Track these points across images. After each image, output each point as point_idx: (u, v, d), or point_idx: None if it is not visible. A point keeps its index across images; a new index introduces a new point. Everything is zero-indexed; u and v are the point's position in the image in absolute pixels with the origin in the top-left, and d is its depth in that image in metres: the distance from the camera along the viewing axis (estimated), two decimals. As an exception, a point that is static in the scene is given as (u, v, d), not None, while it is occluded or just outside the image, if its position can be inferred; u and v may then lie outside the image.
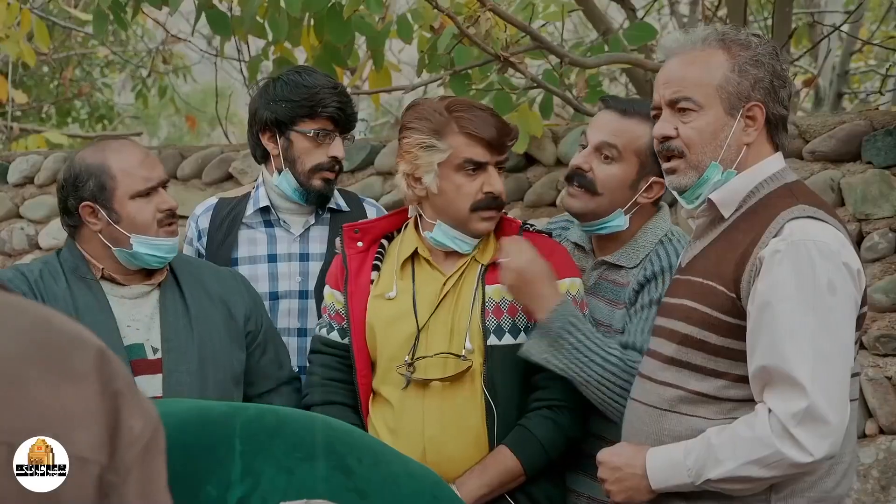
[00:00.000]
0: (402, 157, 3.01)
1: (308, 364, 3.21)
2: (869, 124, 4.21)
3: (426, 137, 2.95)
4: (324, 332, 3.16)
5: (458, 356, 2.94)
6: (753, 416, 2.45)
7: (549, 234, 3.15)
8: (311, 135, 3.38)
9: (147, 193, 3.08)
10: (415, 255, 3.07)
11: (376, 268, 3.10)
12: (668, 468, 2.54)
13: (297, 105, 3.38)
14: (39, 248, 6.00)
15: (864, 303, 2.54)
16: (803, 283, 2.41)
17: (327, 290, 3.18)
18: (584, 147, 3.13)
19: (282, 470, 2.10)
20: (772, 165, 2.62)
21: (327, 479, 2.12)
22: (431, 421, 2.93)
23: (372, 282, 3.08)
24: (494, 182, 2.98)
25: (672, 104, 2.62)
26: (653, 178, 3.05)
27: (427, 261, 3.05)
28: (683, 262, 2.73)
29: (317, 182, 3.42)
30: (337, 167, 3.43)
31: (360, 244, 3.11)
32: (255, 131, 3.49)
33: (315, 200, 3.46)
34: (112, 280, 3.12)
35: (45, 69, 11.04)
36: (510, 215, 4.78)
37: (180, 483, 2.03)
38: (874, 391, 4.09)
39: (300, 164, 3.41)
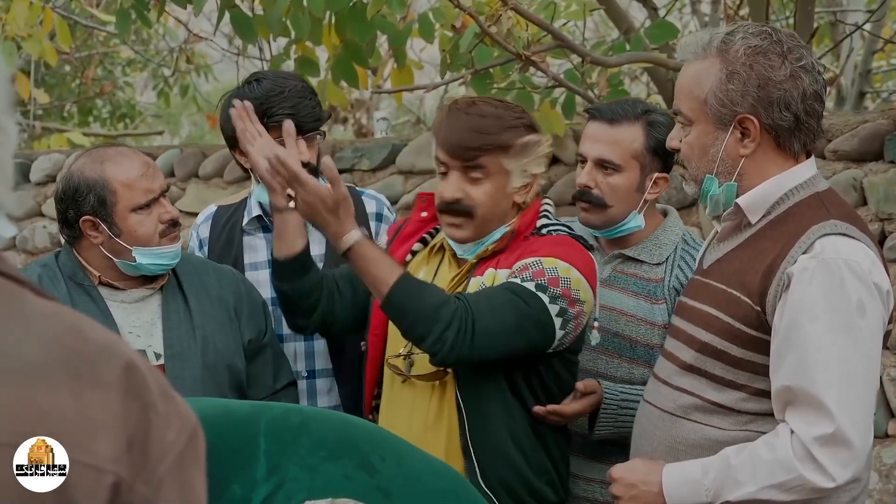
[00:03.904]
0: None
1: None
2: (891, 123, 4.19)
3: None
4: None
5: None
6: (774, 437, 2.38)
7: (570, 229, 3.01)
8: None
9: (148, 205, 3.01)
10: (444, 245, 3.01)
11: (423, 241, 3.03)
12: (685, 486, 2.47)
13: None
14: (62, 247, 6.02)
15: (890, 320, 2.49)
16: (834, 303, 2.35)
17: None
18: (581, 160, 3.18)
19: (306, 469, 2.10)
20: (803, 172, 2.52)
21: (351, 478, 2.12)
22: (418, 416, 2.86)
23: (411, 254, 3.01)
24: (444, 188, 2.88)
25: (675, 115, 2.61)
26: (657, 175, 3.13)
27: (451, 254, 2.98)
28: (705, 263, 2.66)
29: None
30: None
31: (424, 214, 3.04)
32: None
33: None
34: (109, 285, 3.07)
35: (67, 68, 11.10)
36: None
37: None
38: (896, 391, 4.07)
39: None
